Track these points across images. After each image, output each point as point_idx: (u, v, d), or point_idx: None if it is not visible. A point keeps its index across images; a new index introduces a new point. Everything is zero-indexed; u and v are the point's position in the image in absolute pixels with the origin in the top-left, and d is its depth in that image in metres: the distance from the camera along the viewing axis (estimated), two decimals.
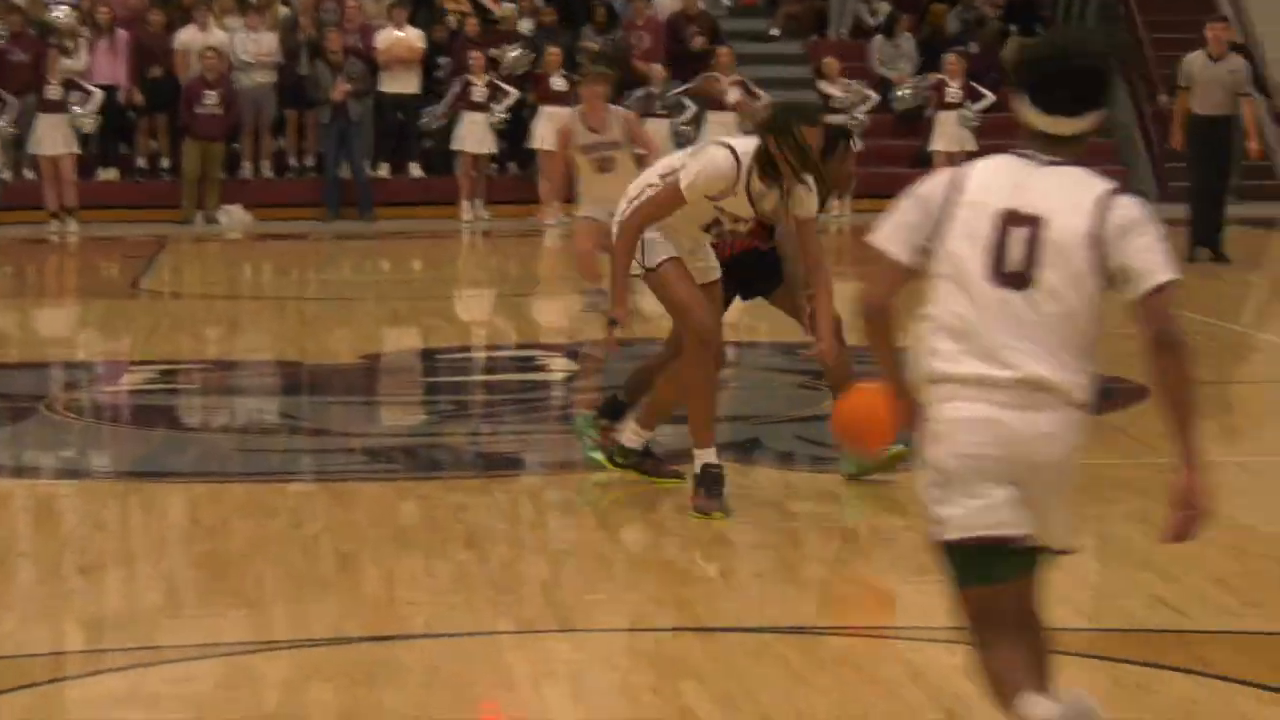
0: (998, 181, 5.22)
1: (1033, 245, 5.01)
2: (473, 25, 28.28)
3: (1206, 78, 18.54)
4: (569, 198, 16.54)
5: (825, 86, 27.57)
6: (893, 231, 5.25)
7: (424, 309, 17.99)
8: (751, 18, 30.99)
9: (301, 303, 19.29)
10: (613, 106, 14.79)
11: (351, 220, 26.75)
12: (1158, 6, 30.83)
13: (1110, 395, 12.65)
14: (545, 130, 25.20)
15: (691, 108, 26.63)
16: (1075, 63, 5.09)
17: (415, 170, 27.64)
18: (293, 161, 27.10)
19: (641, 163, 13.74)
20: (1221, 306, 17.13)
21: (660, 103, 26.84)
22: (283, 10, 28.05)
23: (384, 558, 8.59)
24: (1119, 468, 10.36)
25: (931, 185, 5.33)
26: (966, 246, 5.10)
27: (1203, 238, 19.72)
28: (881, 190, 14.27)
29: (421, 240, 25.71)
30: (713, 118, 26.69)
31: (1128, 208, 4.95)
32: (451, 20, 28.94)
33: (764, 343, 15.45)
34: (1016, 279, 4.99)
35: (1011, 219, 5.04)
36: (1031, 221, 5.02)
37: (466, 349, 16.56)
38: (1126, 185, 5.16)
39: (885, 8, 30.05)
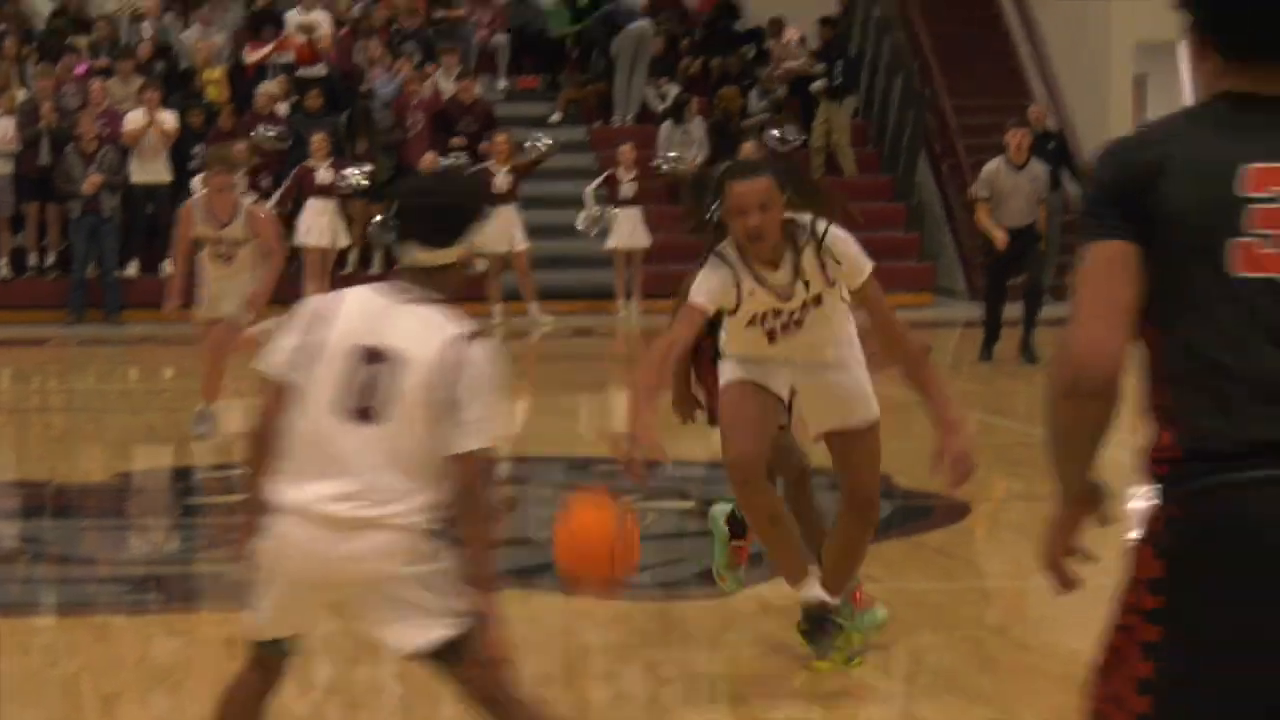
0: (360, 315, 5.73)
1: (381, 381, 5.51)
2: (228, 117, 27.78)
3: (1008, 189, 18.50)
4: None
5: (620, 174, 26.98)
6: (276, 354, 5.78)
7: (180, 421, 16.76)
8: (531, 101, 30.67)
9: (46, 415, 18.73)
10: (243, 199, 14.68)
11: (97, 323, 25.88)
12: (966, 90, 30.64)
13: (928, 514, 12.90)
14: (311, 223, 25.41)
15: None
16: (437, 200, 5.87)
17: (168, 268, 25.87)
18: (33, 259, 26.33)
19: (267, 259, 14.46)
20: (1020, 408, 17.48)
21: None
22: (20, 94, 27.04)
23: (150, 699, 8.19)
24: (938, 592, 10.52)
25: (305, 312, 5.90)
26: (323, 377, 5.56)
27: (994, 339, 19.84)
28: (668, 290, 12.83)
29: (174, 346, 23.87)
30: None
31: (475, 361, 5.49)
32: (212, 100, 28.28)
33: (557, 457, 14.96)
34: (363, 413, 5.47)
35: (367, 355, 5.52)
36: (384, 358, 5.49)
37: (227, 466, 14.91)
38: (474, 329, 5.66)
39: (674, 90, 29.55)
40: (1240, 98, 3.83)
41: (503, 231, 25.31)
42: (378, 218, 26.31)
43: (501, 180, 25.89)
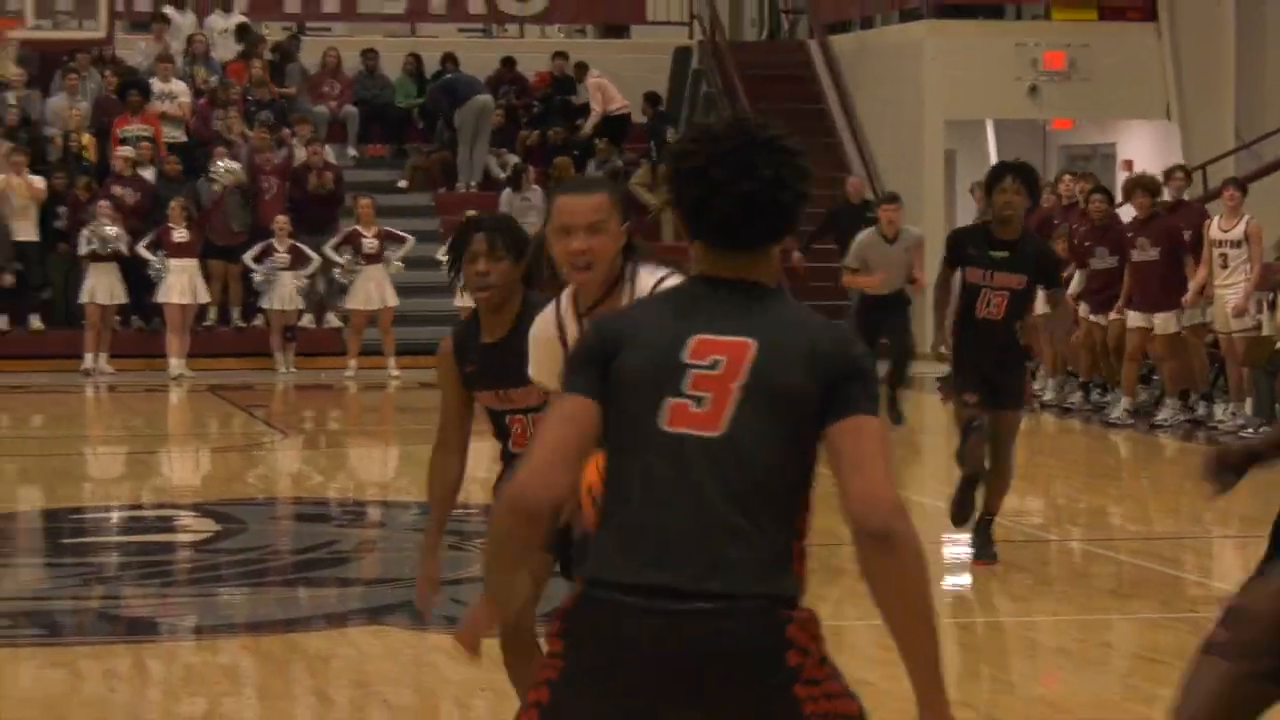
0: None
1: None
2: (85, 188, 28.33)
3: (879, 260, 18.75)
4: None
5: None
6: None
7: (51, 464, 17.61)
8: (378, 169, 31.51)
9: None
10: None
11: None
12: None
13: None
14: (173, 282, 25.93)
15: (316, 260, 27.17)
16: None
17: (35, 322, 27.41)
18: None
19: None
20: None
21: (279, 255, 27.18)
22: None
23: None
24: None
25: None
26: None
27: None
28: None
29: (44, 395, 25.53)
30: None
31: None
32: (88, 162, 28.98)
33: (411, 502, 15.20)
34: None
35: None
36: None
37: (100, 508, 16.15)
38: None
39: (514, 159, 30.50)
40: (705, 278, 4.29)
41: (375, 290, 26.61)
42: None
43: (369, 242, 26.94)
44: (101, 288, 26.66)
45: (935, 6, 29.80)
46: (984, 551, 11.73)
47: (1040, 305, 13.95)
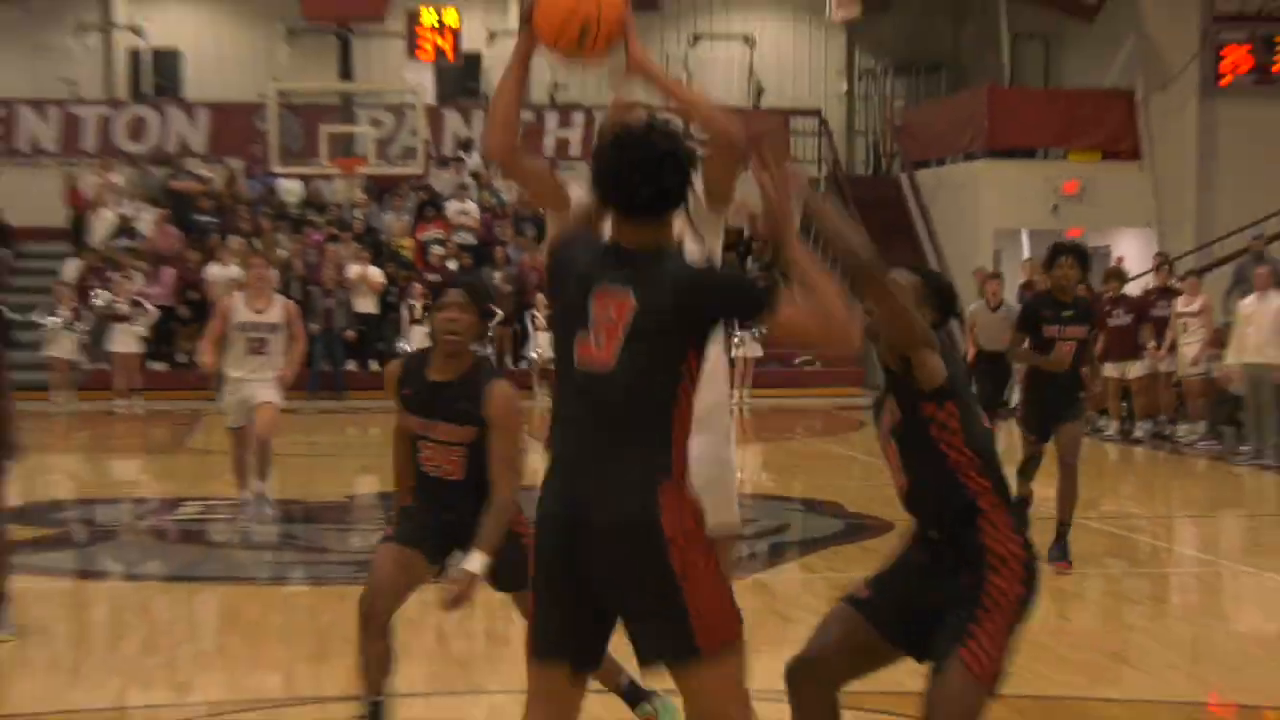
0: None
1: None
2: (405, 277, 28.13)
3: (987, 325, 16.80)
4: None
5: None
6: None
7: (385, 464, 18.03)
8: None
9: (295, 459, 18.38)
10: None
11: (327, 399, 25.76)
12: (881, 254, 31.32)
13: (870, 530, 12.66)
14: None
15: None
16: None
17: (374, 365, 27.43)
18: None
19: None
20: None
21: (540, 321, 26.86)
22: (280, 253, 27.71)
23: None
24: None
25: None
26: None
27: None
28: None
29: (380, 414, 24.55)
30: None
31: None
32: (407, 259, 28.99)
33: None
34: None
35: None
36: None
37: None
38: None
39: None
40: (614, 243, 4.23)
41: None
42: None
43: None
44: (417, 340, 25.96)
45: (988, 150, 28.44)
46: (1060, 555, 10.57)
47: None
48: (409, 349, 26.00)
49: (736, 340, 25.85)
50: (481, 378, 6.12)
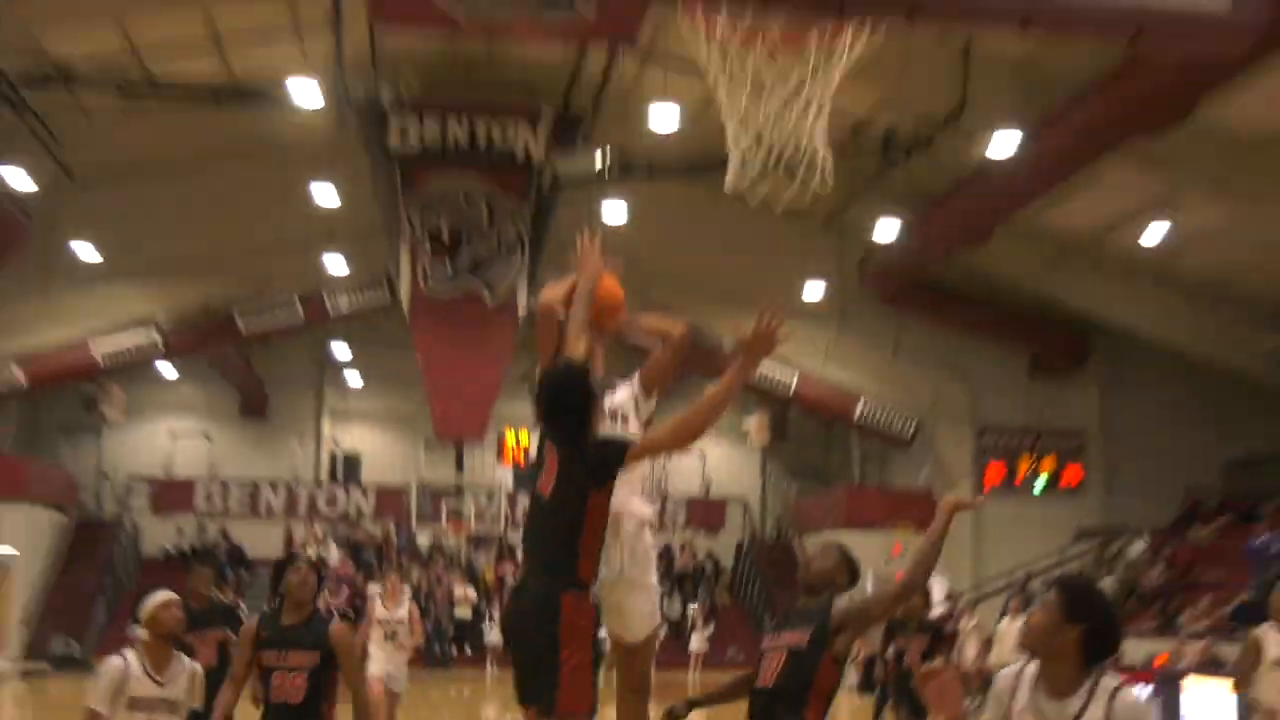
0: None
1: None
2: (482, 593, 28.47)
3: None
4: None
5: None
6: None
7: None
8: None
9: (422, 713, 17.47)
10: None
11: (437, 669, 25.68)
12: None
13: None
14: None
15: None
16: None
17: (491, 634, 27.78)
18: None
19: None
20: None
21: None
22: (414, 576, 28.01)
23: None
24: None
25: None
26: None
27: None
28: None
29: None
30: None
31: None
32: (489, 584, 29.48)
33: None
34: None
35: None
36: None
37: None
38: None
39: None
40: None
41: None
42: None
43: None
44: (496, 635, 26.10)
45: (846, 524, 27.92)
46: None
47: None
48: (491, 639, 26.96)
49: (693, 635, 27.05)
50: (320, 620, 5.95)
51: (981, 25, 3.05)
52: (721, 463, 35.10)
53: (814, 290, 28.01)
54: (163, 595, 5.91)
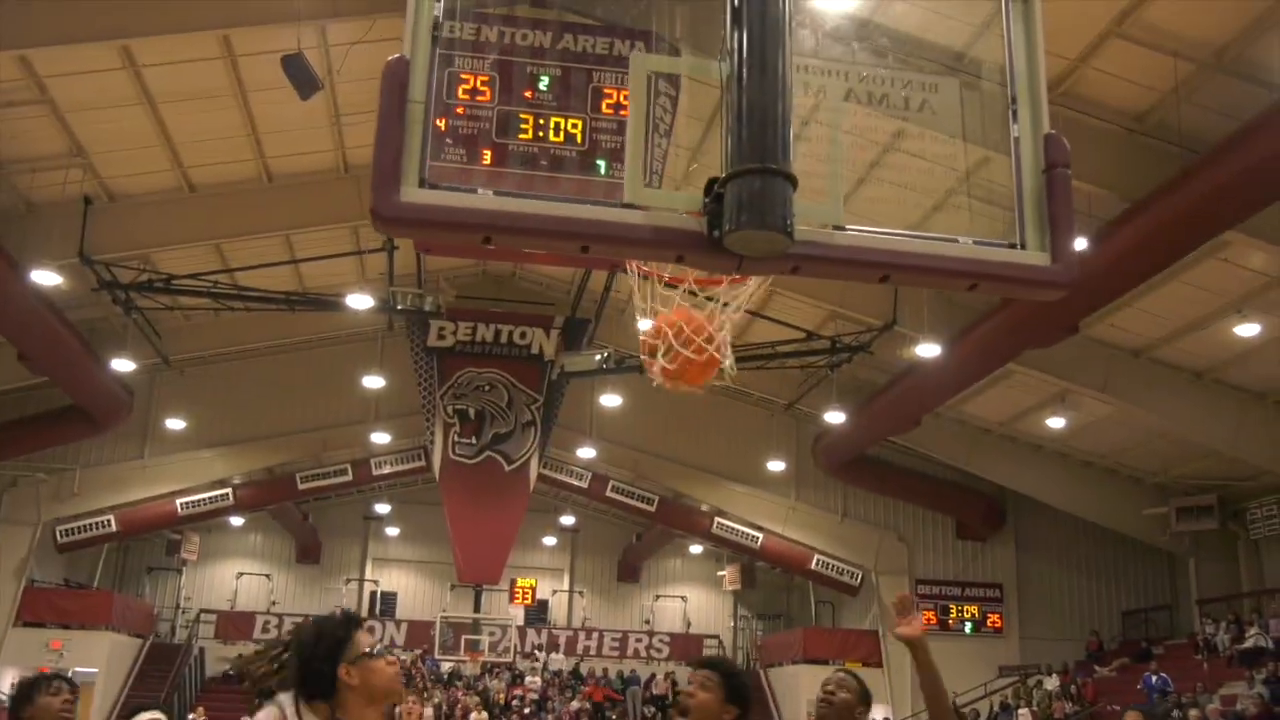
0: None
1: None
2: None
3: None
4: None
5: None
6: None
7: None
8: None
9: None
10: None
11: None
12: None
13: None
14: None
15: None
16: None
17: None
18: None
19: None
20: None
21: None
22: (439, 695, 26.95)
23: None
24: None
25: None
26: None
27: None
28: None
29: None
30: None
31: None
32: None
33: None
34: None
35: None
36: None
37: None
38: None
39: None
40: None
41: None
42: None
43: None
44: None
45: (804, 659, 28.19)
46: None
47: None
48: None
49: None
50: None
51: (849, 277, 3.52)
52: (700, 605, 35.26)
53: (775, 465, 28.85)
54: (144, 717, 5.73)
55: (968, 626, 28.90)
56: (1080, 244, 14.09)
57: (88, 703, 26.47)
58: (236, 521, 33.04)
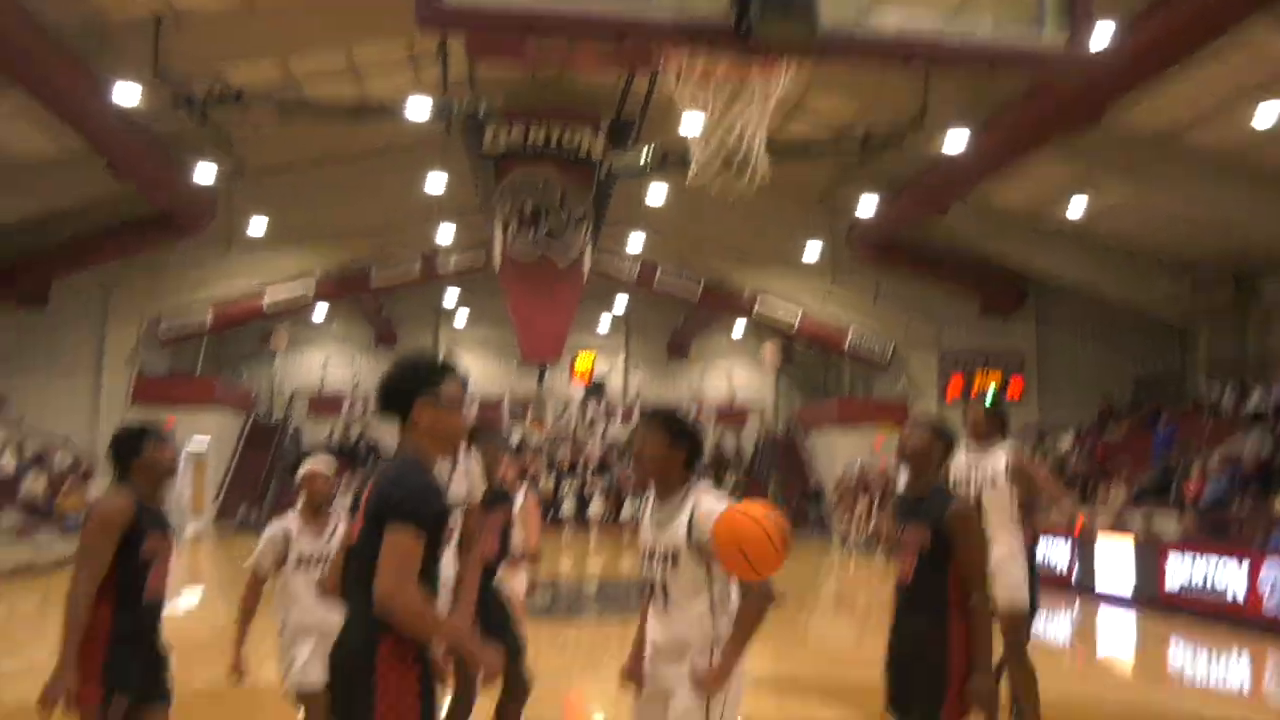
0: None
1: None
2: None
3: None
4: None
5: None
6: None
7: None
8: None
9: None
10: None
11: None
12: None
13: None
14: None
15: None
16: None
17: None
18: None
19: None
20: None
21: None
22: None
23: None
24: None
25: None
26: None
27: None
28: None
29: None
30: None
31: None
32: None
33: None
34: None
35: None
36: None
37: None
38: None
39: None
40: None
41: None
42: None
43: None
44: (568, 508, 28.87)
45: (839, 424, 28.74)
46: None
47: None
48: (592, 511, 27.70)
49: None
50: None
51: (872, 61, 3.34)
52: (744, 380, 35.32)
53: (812, 250, 28.53)
54: (310, 466, 5.02)
55: (989, 395, 28.46)
56: (1108, 30, 13.50)
57: (202, 473, 27.72)
58: (319, 315, 33.17)
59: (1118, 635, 11.41)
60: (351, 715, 2.70)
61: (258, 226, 27.46)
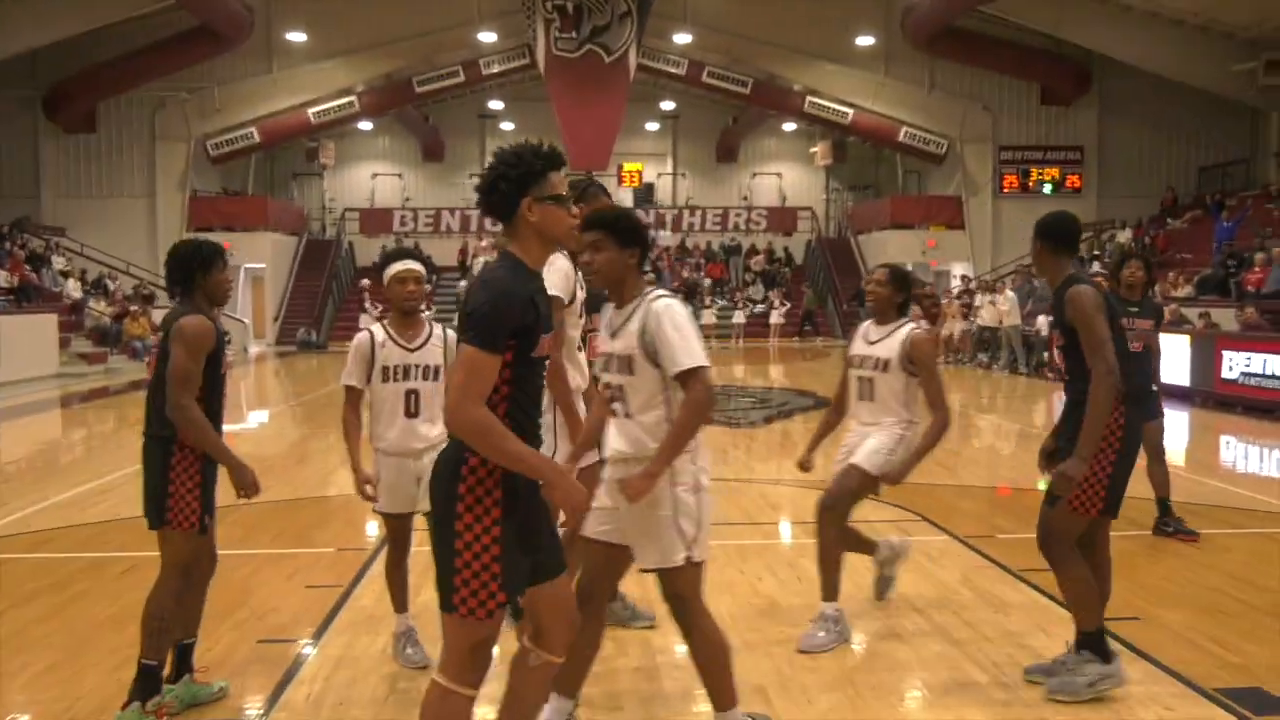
0: None
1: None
2: None
3: None
4: None
5: None
6: None
7: None
8: None
9: None
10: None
11: None
12: None
13: None
14: None
15: None
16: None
17: None
18: None
19: None
20: None
21: None
22: None
23: None
24: None
25: None
26: None
27: None
28: None
29: None
30: None
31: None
32: None
33: None
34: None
35: None
36: None
37: None
38: None
39: None
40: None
41: None
42: None
43: None
44: None
45: (892, 225, 28.19)
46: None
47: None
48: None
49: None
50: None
51: None
52: (794, 180, 34.79)
53: (865, 41, 27.92)
54: (399, 266, 4.35)
55: (1047, 188, 28.21)
56: None
57: (260, 293, 28.12)
58: (365, 127, 32.86)
59: (1174, 429, 11.13)
60: (437, 528, 2.69)
61: (298, 38, 27.12)
